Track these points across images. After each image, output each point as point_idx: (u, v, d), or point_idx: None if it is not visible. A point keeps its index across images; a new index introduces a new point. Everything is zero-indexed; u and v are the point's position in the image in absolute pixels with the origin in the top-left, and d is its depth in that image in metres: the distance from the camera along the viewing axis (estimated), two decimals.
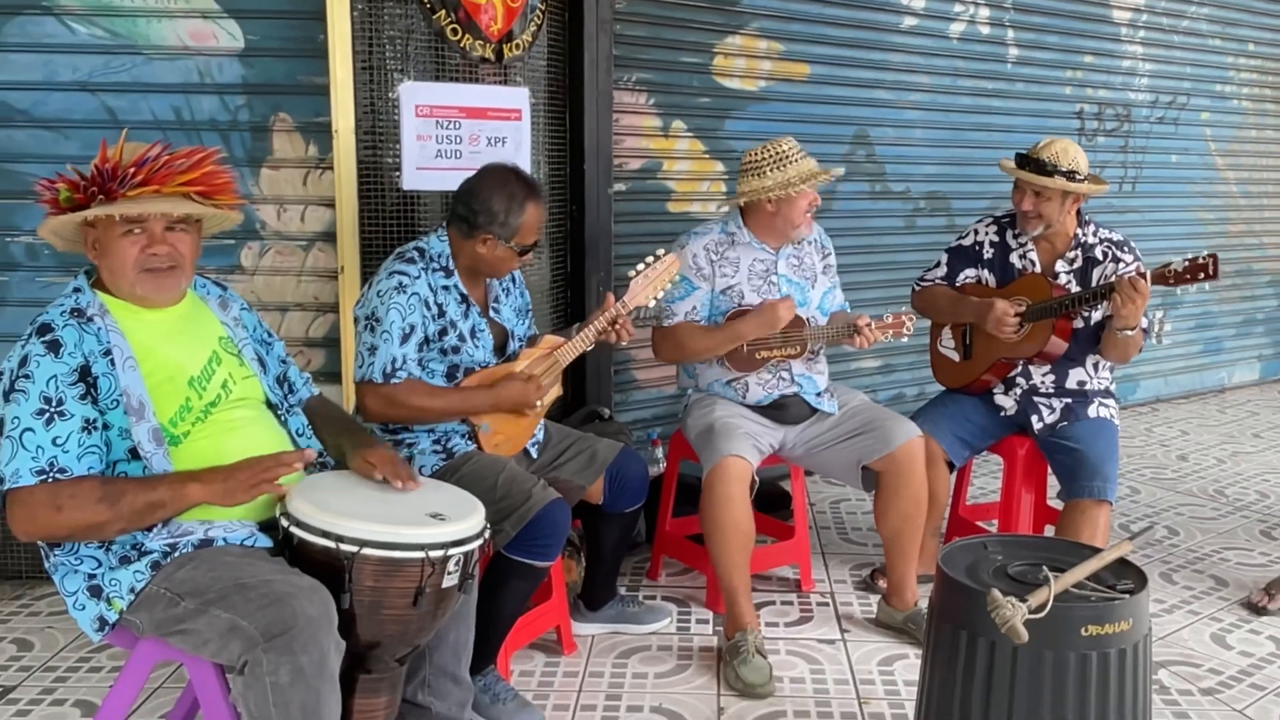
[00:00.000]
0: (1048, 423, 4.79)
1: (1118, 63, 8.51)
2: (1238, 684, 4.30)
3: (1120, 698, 3.11)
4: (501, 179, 3.97)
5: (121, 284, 3.06)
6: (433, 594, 2.99)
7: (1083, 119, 8.37)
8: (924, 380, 7.53)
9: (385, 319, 3.85)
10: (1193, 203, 9.24)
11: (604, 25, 5.85)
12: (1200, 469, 7.39)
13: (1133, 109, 8.69)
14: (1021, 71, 7.93)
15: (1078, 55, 8.24)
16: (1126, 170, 8.75)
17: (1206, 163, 9.32)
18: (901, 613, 4.71)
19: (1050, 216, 4.73)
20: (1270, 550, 5.78)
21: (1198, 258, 4.37)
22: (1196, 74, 9.04)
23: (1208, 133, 9.26)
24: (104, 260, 3.04)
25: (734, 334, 4.60)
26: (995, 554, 3.44)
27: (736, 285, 4.68)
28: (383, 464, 3.25)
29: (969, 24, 7.58)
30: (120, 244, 3.01)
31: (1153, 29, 8.63)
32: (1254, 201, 9.64)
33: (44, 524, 2.83)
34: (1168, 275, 4.43)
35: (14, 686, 4.16)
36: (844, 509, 6.42)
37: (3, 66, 4.84)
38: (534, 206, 3.99)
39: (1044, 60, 8.04)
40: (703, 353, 4.71)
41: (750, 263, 4.71)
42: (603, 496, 4.40)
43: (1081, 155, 4.73)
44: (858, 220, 7.28)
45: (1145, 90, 8.74)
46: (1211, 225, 9.34)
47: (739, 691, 4.17)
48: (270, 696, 2.75)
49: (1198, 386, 9.76)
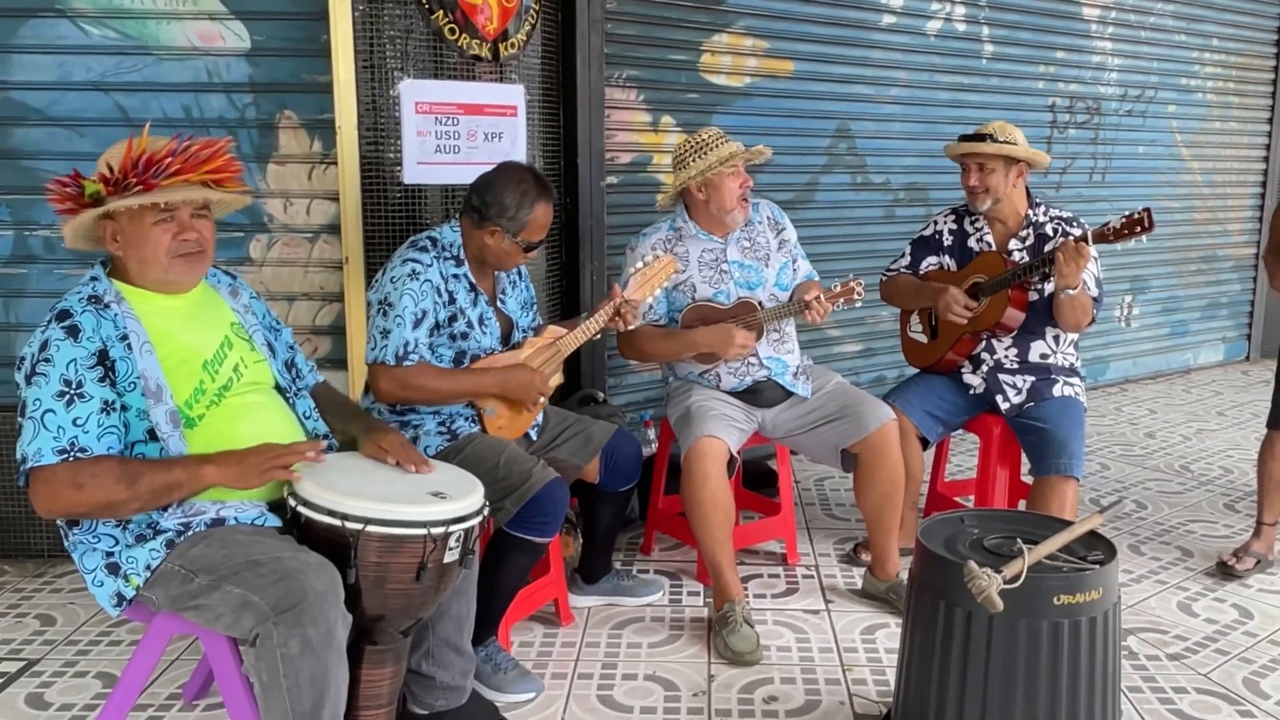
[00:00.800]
0: (1014, 403, 4.80)
1: (1088, 58, 8.51)
2: (1203, 649, 4.31)
3: (1091, 663, 3.13)
4: (518, 176, 3.98)
5: (152, 271, 3.07)
6: (435, 569, 3.00)
7: (1055, 112, 8.37)
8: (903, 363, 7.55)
9: (399, 304, 3.85)
10: (1160, 192, 9.23)
11: (595, 24, 5.86)
12: (1167, 446, 7.41)
13: (1102, 102, 8.70)
14: (996, 67, 7.93)
15: (1050, 51, 8.24)
16: (1096, 161, 8.76)
17: (1173, 154, 9.32)
18: (884, 583, 4.72)
19: (997, 188, 4.76)
20: (1234, 522, 5.80)
21: (1133, 213, 4.38)
22: (1163, 69, 9.05)
23: (1174, 125, 9.27)
24: (132, 250, 3.04)
25: (688, 343, 4.60)
26: (972, 528, 3.47)
27: (688, 278, 4.68)
28: (395, 449, 3.28)
29: (945, 21, 7.59)
30: (152, 232, 3.03)
31: (1121, 25, 8.64)
32: (1218, 191, 9.65)
33: (65, 501, 2.84)
34: (1107, 233, 4.44)
35: (38, 659, 4.17)
36: (828, 486, 6.44)
37: (19, 67, 4.84)
38: (543, 206, 3.99)
39: (1017, 56, 8.04)
40: (661, 356, 4.74)
41: (700, 254, 4.70)
42: (598, 476, 4.41)
43: (1019, 132, 4.78)
44: (840, 210, 7.28)
45: (1114, 84, 8.74)
46: (1178, 214, 9.35)
47: (728, 660, 4.18)
48: (281, 667, 2.77)
49: (1164, 368, 9.77)
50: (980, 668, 3.14)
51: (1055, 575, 3.11)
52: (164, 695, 3.89)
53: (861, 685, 4.03)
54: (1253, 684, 4.04)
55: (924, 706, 3.30)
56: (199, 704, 3.83)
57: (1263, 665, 4.19)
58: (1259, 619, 4.60)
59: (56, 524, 3.05)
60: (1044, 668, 3.10)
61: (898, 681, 3.50)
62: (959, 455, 6.92)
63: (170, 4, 4.80)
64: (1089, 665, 3.13)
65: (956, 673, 3.18)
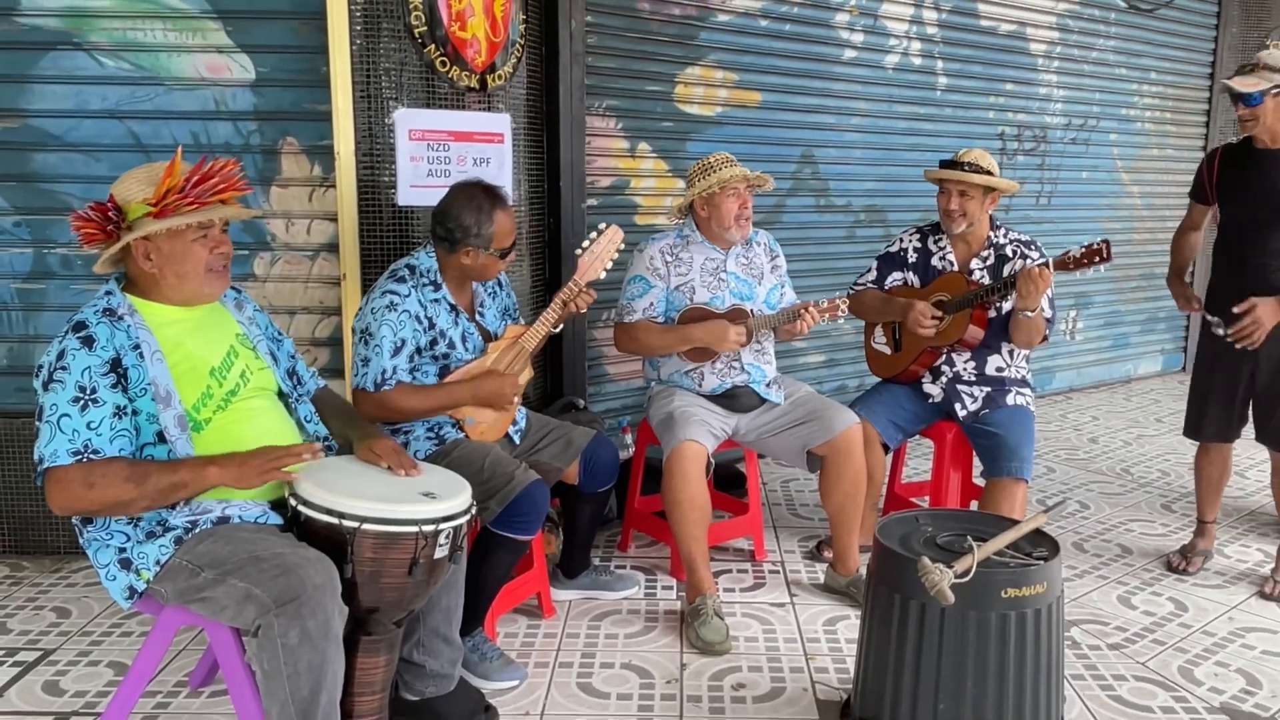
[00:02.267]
0: (970, 410, 4.82)
1: (1035, 90, 8.54)
2: (1141, 640, 4.34)
3: (1036, 653, 3.15)
4: (468, 195, 3.99)
5: (189, 284, 3.10)
6: (426, 564, 3.01)
7: (1004, 140, 8.39)
8: (864, 373, 7.56)
9: (377, 334, 3.87)
10: (1101, 214, 9.27)
11: (577, 58, 5.87)
12: (1109, 450, 7.43)
13: (1048, 131, 8.72)
14: (949, 98, 7.96)
15: (1000, 83, 8.26)
16: (1043, 185, 8.77)
17: (1113, 178, 9.35)
18: (845, 578, 4.74)
19: (973, 214, 4.77)
20: (1170, 522, 5.83)
21: (1093, 244, 4.41)
22: (1105, 100, 9.08)
23: (1115, 151, 9.29)
24: (170, 266, 3.06)
25: (684, 337, 4.63)
26: (926, 526, 3.48)
27: (689, 281, 4.71)
28: (387, 454, 3.29)
29: (903, 56, 7.61)
30: (193, 249, 3.06)
31: (1066, 60, 8.67)
32: (1156, 213, 9.68)
33: (78, 499, 2.84)
34: (1068, 262, 4.47)
35: (54, 649, 4.15)
36: (793, 488, 6.44)
37: (39, 96, 4.84)
38: (502, 213, 4.00)
39: (969, 88, 8.07)
40: (657, 348, 4.73)
41: (702, 262, 4.74)
42: (578, 478, 4.41)
43: (994, 162, 4.81)
44: (805, 231, 7.29)
45: (1059, 114, 8.77)
46: (1118, 235, 9.37)
47: (699, 649, 4.19)
48: (281, 656, 2.78)
49: (1107, 377, 9.80)
50: (933, 656, 3.16)
51: (1003, 570, 3.13)
52: (171, 682, 3.88)
53: (823, 673, 4.04)
54: (1187, 672, 4.06)
55: (881, 692, 3.31)
56: (204, 691, 3.82)
57: (1196, 654, 4.21)
58: (1193, 611, 4.62)
59: (72, 522, 3.05)
60: (992, 656, 3.11)
61: (857, 669, 3.52)
62: (915, 459, 6.92)
63: (180, 37, 4.80)
64: (1034, 654, 3.15)
65: (911, 661, 3.20)
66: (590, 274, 4.31)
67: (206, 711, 3.69)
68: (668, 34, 6.42)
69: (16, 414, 5.02)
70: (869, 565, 3.43)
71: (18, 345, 5.03)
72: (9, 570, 4.98)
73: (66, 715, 3.66)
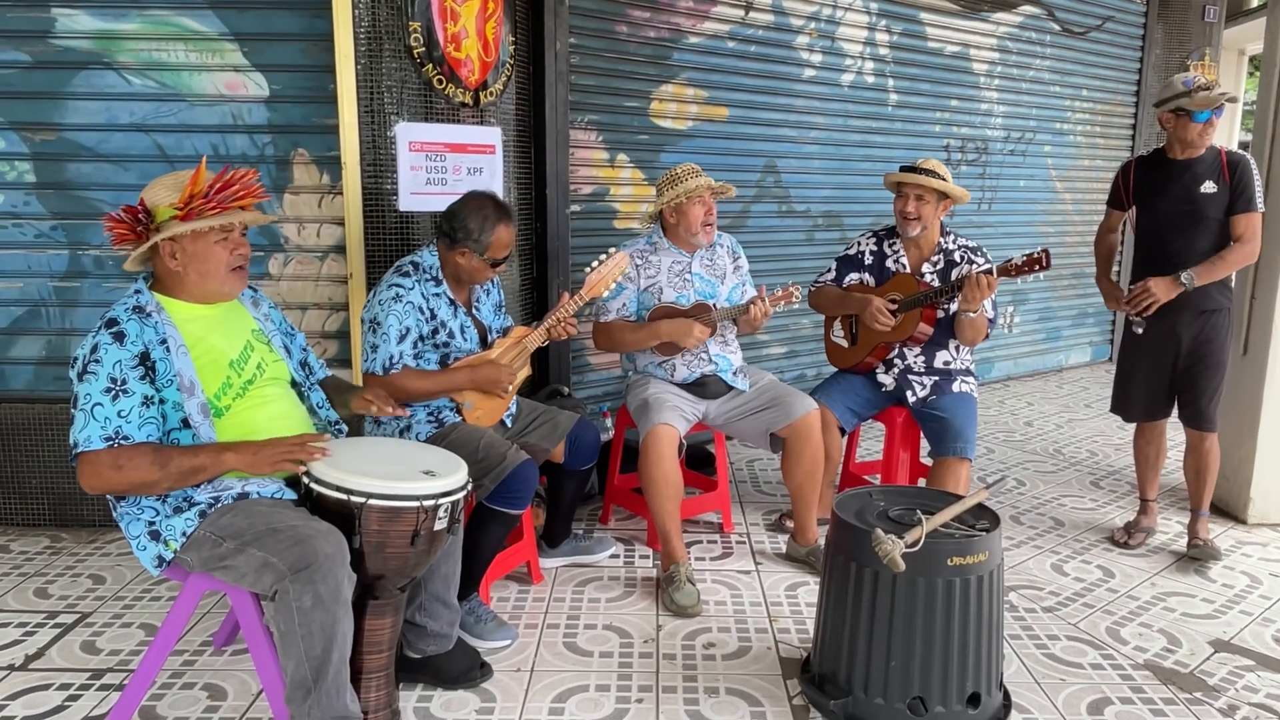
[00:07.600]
0: (920, 396, 4.85)
1: (977, 105, 8.57)
2: (1072, 603, 4.37)
3: (979, 615, 3.18)
4: (480, 203, 4.01)
5: (211, 282, 3.11)
6: (426, 535, 3.02)
7: (949, 151, 8.42)
8: (822, 364, 7.62)
9: (385, 323, 3.88)
10: (1037, 219, 9.30)
11: (562, 76, 5.89)
12: (1043, 433, 7.47)
13: (989, 143, 8.75)
14: (900, 113, 7.98)
15: (945, 100, 8.29)
16: (984, 193, 8.80)
17: (1048, 186, 9.38)
18: (805, 548, 4.77)
19: (927, 218, 4.79)
20: (1098, 497, 5.87)
21: (1033, 253, 4.44)
22: (1041, 115, 9.11)
23: (1049, 162, 9.32)
24: (193, 265, 3.07)
25: (654, 333, 4.65)
26: (879, 501, 3.51)
27: (657, 283, 4.73)
28: (376, 396, 3.44)
29: (857, 74, 7.63)
30: (215, 250, 3.07)
31: (1005, 79, 8.70)
32: (1086, 218, 9.71)
33: (107, 480, 2.86)
34: (1010, 269, 4.50)
35: (90, 612, 4.15)
36: (758, 467, 6.47)
37: (73, 112, 4.82)
38: (504, 227, 4.02)
39: (918, 104, 8.09)
40: (630, 344, 4.74)
41: (670, 264, 4.75)
42: (564, 457, 4.43)
43: (949, 173, 4.84)
44: (768, 234, 7.32)
45: (999, 128, 8.80)
46: (1052, 237, 9.41)
47: (674, 612, 4.21)
48: (296, 618, 2.79)
49: (1041, 367, 9.83)
50: (885, 618, 3.19)
51: (949, 541, 3.17)
52: (197, 642, 3.89)
53: (786, 634, 4.06)
54: (1114, 632, 4.10)
55: (838, 651, 3.34)
56: (226, 650, 3.84)
57: (1122, 616, 4.25)
58: (1120, 578, 4.66)
59: (106, 498, 3.06)
60: (939, 619, 3.15)
61: (816, 630, 3.55)
62: (868, 441, 6.96)
63: (201, 58, 4.79)
64: (977, 617, 3.19)
65: (866, 623, 3.23)
66: (595, 290, 4.34)
67: (229, 668, 3.70)
68: (644, 55, 6.44)
69: (54, 400, 5.04)
70: (827, 536, 3.45)
71: (55, 338, 5.02)
72: (49, 541, 4.98)
73: (102, 672, 3.67)
